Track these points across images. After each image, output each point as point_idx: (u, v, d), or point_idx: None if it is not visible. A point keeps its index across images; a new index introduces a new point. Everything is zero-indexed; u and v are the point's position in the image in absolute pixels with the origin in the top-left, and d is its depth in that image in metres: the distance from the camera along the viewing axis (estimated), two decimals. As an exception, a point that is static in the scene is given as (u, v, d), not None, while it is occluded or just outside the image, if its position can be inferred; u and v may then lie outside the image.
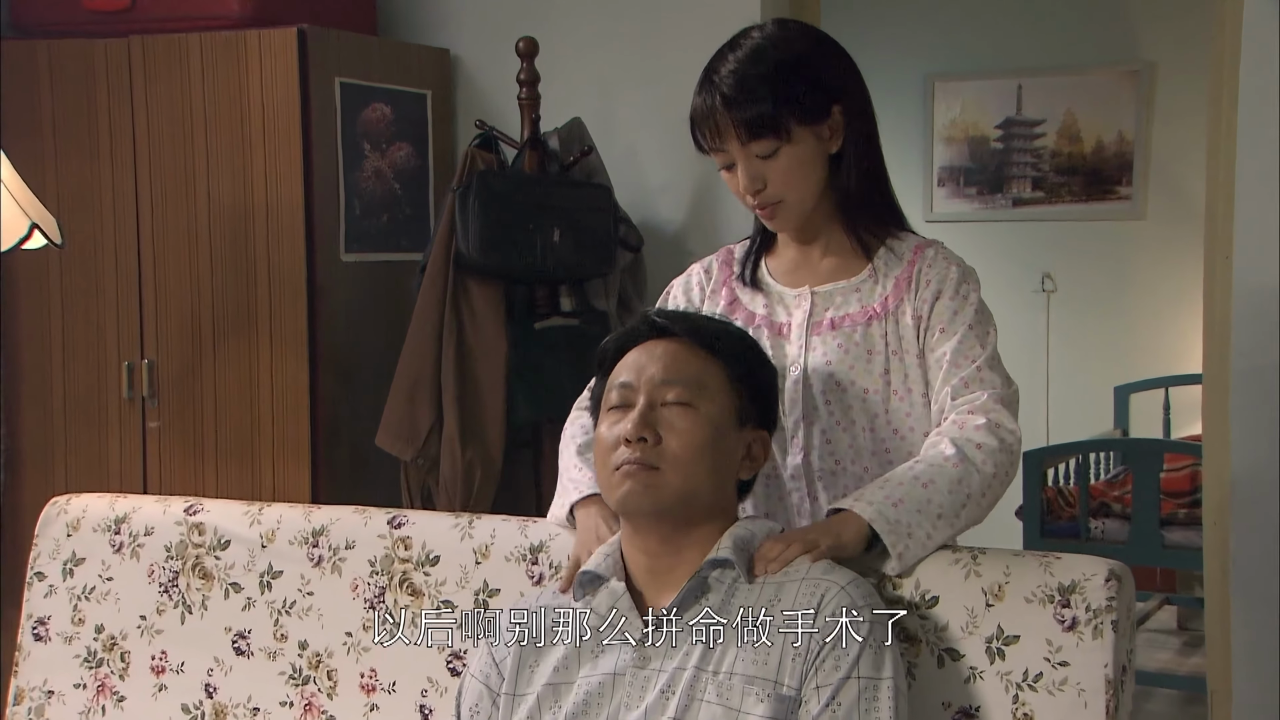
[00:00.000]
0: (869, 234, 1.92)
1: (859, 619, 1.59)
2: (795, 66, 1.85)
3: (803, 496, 1.91)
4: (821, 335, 1.90)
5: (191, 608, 2.16)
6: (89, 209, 3.30)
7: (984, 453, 1.74)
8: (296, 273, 3.20)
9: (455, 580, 1.99)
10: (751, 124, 1.82)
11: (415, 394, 3.09)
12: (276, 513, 2.15)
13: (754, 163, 1.86)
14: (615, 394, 1.72)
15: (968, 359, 1.83)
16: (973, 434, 1.76)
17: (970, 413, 1.78)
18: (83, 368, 3.35)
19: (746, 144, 1.84)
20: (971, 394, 1.80)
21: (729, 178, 1.90)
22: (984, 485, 1.74)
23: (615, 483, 1.68)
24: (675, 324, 1.76)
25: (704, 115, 1.87)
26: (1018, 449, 1.79)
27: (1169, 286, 5.45)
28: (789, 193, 1.87)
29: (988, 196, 5.84)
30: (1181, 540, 4.10)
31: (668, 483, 1.65)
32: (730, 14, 3.20)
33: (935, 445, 1.77)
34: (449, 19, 3.67)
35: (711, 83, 1.86)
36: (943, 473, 1.72)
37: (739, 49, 1.87)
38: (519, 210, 3.05)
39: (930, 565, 1.74)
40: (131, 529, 2.23)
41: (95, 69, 3.28)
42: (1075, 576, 1.68)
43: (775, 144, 1.84)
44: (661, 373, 1.69)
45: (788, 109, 1.82)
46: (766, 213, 1.91)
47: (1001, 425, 1.77)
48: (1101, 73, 5.63)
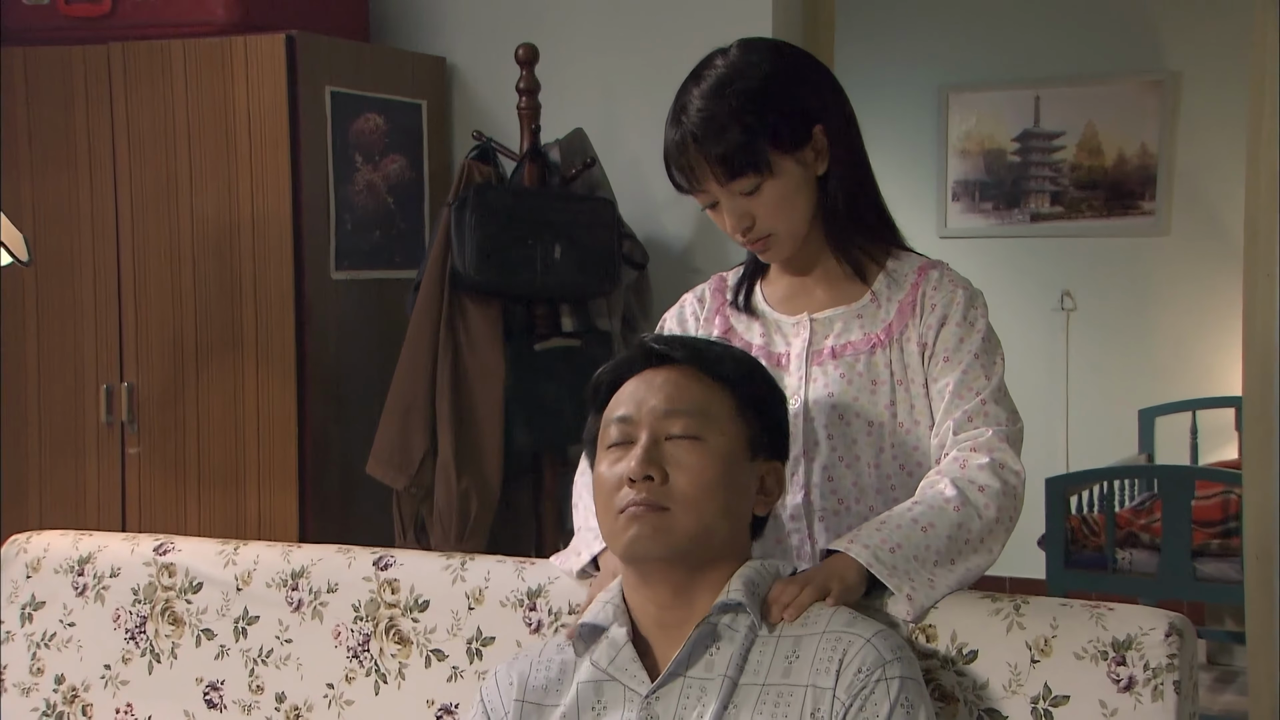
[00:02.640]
0: (864, 255, 1.88)
1: (888, 676, 1.49)
2: (766, 94, 1.77)
3: (803, 538, 1.85)
4: (822, 365, 1.85)
5: (160, 656, 2.10)
6: (66, 223, 3.29)
7: (986, 495, 1.70)
8: (284, 291, 3.17)
9: (446, 628, 1.93)
10: (729, 162, 1.75)
11: (408, 419, 3.07)
12: (253, 552, 2.10)
13: (738, 200, 1.79)
14: (614, 430, 1.64)
15: (971, 391, 1.78)
16: (975, 474, 1.72)
17: (973, 450, 1.74)
18: (59, 391, 3.32)
19: (727, 184, 1.77)
20: (975, 429, 1.76)
21: (715, 216, 1.84)
22: (985, 529, 1.69)
23: (620, 527, 1.59)
24: (675, 349, 1.68)
25: (676, 156, 1.80)
26: (1022, 491, 1.75)
27: (1195, 305, 5.45)
28: (779, 225, 1.82)
29: (1004, 212, 5.83)
30: (1215, 573, 4.03)
31: (679, 525, 1.57)
32: (740, 18, 3.29)
33: (935, 485, 1.73)
34: (445, 25, 3.66)
35: (680, 121, 1.78)
36: (943, 516, 1.68)
37: (703, 81, 1.79)
38: (518, 225, 3.04)
39: (967, 615, 1.67)
40: (96, 570, 2.16)
41: (73, 77, 3.27)
42: (1131, 630, 1.60)
43: (757, 179, 1.77)
44: (664, 404, 1.61)
45: (764, 141, 1.76)
46: (759, 246, 1.85)
47: (1005, 465, 1.73)
48: (1123, 83, 5.60)
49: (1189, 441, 5.15)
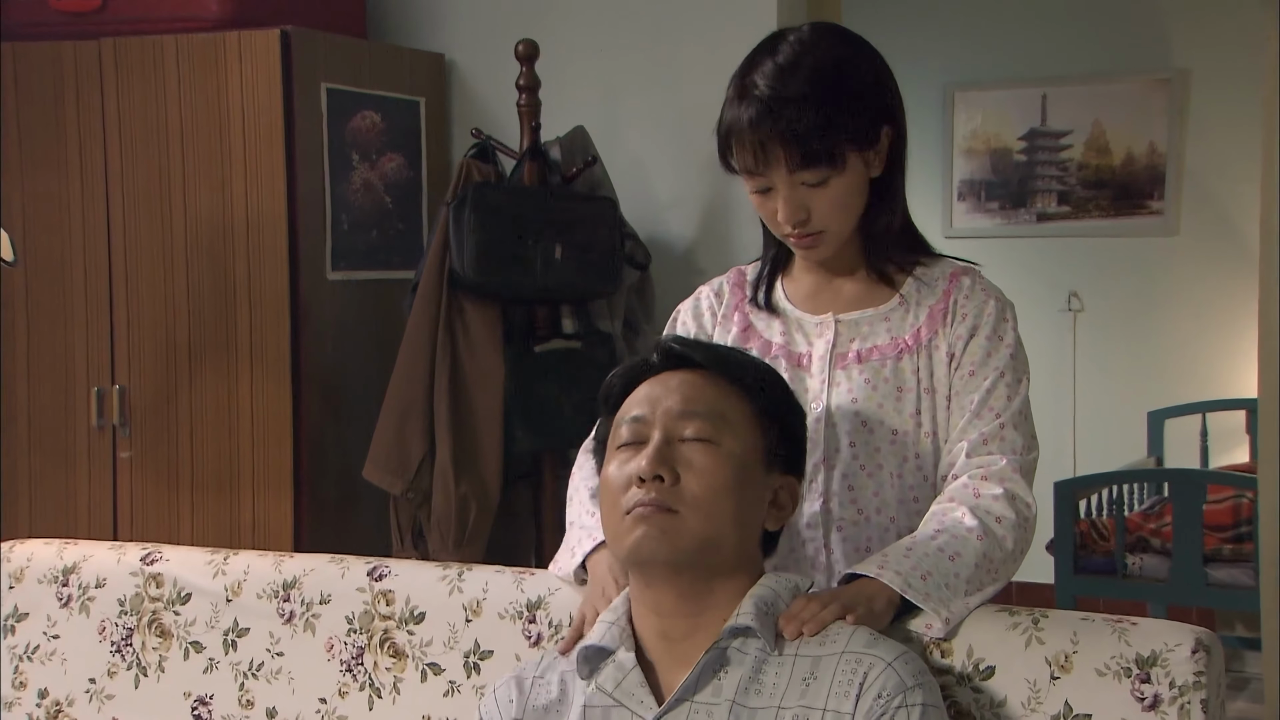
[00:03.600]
0: (893, 264, 1.84)
1: (909, 704, 1.45)
2: (855, 86, 1.72)
3: (818, 548, 1.80)
4: (846, 369, 1.80)
5: (147, 669, 2.06)
6: (56, 223, 3.27)
7: (1004, 527, 1.67)
8: (279, 292, 3.16)
9: (443, 640, 1.89)
10: (807, 151, 1.69)
11: (406, 423, 3.06)
12: (243, 562, 2.06)
13: (799, 191, 1.73)
14: (626, 429, 1.59)
15: (992, 412, 1.74)
16: (991, 505, 1.68)
17: (984, 478, 1.71)
18: (48, 394, 3.30)
19: (796, 171, 1.71)
20: (989, 455, 1.73)
21: (761, 202, 1.77)
22: (1004, 560, 1.67)
23: (625, 529, 1.54)
24: (694, 352, 1.64)
25: (746, 135, 1.71)
26: (1034, 524, 1.73)
27: (1204, 306, 5.42)
28: (832, 223, 1.76)
29: (1010, 211, 5.80)
30: (1227, 579, 4.02)
31: (687, 528, 1.52)
32: (744, 15, 3.29)
33: (952, 513, 1.69)
34: (443, 21, 3.65)
35: (754, 97, 1.70)
36: (967, 545, 1.65)
37: (780, 58, 1.71)
38: (518, 225, 3.03)
39: (984, 629, 1.64)
40: (81, 580, 2.12)
41: (63, 73, 3.25)
42: (1156, 646, 1.56)
43: (827, 172, 1.72)
44: (680, 404, 1.57)
45: (845, 135, 1.71)
46: (806, 242, 1.78)
47: (1018, 497, 1.70)
48: (1131, 81, 5.57)
49: (1199, 444, 5.13)
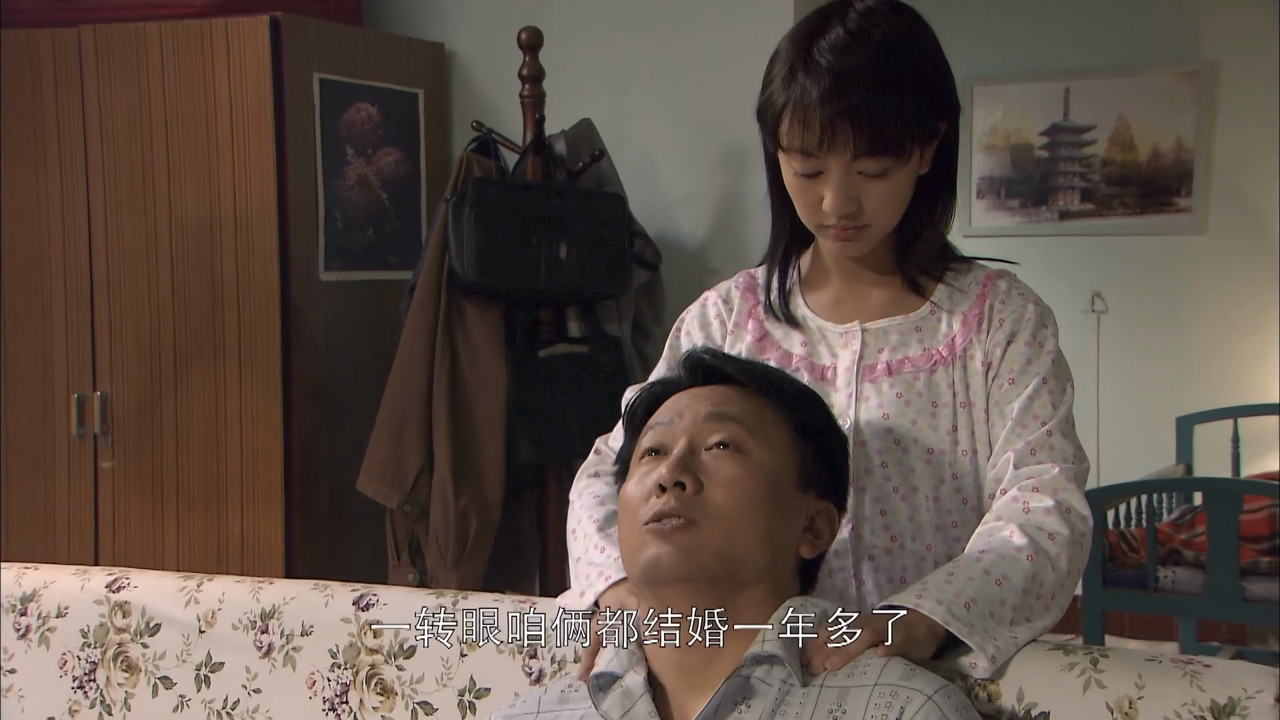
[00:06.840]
0: (922, 271, 1.74)
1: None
2: (928, 73, 1.62)
3: (847, 578, 1.69)
4: (875, 382, 1.69)
5: (112, 707, 1.99)
6: (34, 220, 3.27)
7: (1057, 545, 1.56)
8: (269, 293, 3.16)
9: (435, 677, 1.81)
10: (878, 136, 1.57)
11: (403, 432, 3.05)
12: (218, 589, 1.98)
13: (854, 180, 1.60)
14: (649, 437, 1.51)
15: (1037, 420, 1.64)
16: (1043, 520, 1.57)
17: (1035, 490, 1.60)
18: (26, 400, 3.29)
19: (859, 157, 1.59)
20: (1038, 464, 1.63)
21: (804, 186, 1.64)
22: (1058, 583, 1.56)
23: (641, 543, 1.43)
24: (727, 364, 1.56)
25: (807, 111, 1.57)
26: (1090, 540, 1.61)
27: (1234, 307, 5.41)
28: (880, 218, 1.65)
29: (1032, 209, 5.79)
30: (1264, 593, 3.90)
31: (707, 541, 1.41)
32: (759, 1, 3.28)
33: (1000, 531, 1.57)
34: (443, 9, 3.66)
35: (820, 69, 1.56)
36: (1016, 567, 1.52)
37: (856, 34, 1.58)
38: (520, 223, 3.02)
39: (1037, 670, 1.51)
40: (41, 609, 2.05)
41: (41, 62, 3.24)
42: (1234, 692, 1.43)
43: (889, 163, 1.60)
44: (708, 409, 1.50)
45: (915, 125, 1.60)
46: (849, 234, 1.66)
47: (1073, 510, 1.59)
48: (1158, 74, 5.56)
49: (1230, 451, 5.05)
